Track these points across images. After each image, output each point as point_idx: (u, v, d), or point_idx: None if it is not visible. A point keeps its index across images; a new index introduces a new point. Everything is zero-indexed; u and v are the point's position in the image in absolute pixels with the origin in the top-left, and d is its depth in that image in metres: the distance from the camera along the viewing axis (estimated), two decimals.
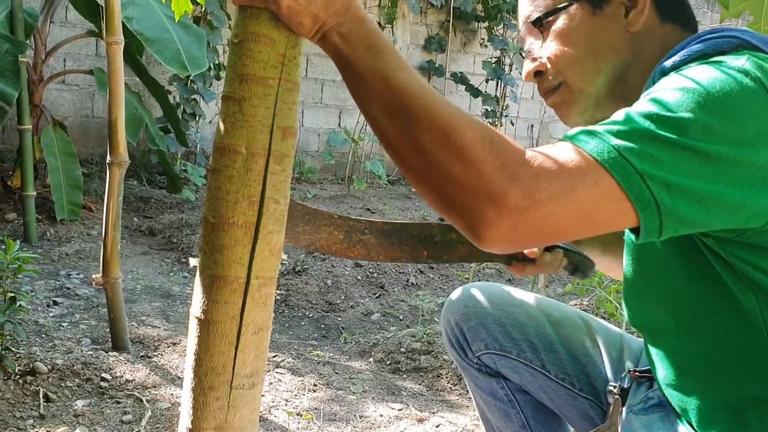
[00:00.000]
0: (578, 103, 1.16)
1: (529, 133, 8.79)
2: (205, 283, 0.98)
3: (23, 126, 4.11)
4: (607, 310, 3.19)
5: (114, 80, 2.55)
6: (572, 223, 0.88)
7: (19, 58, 3.91)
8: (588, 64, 1.13)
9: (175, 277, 3.86)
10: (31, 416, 2.16)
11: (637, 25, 1.11)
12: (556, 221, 0.87)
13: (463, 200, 0.88)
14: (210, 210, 0.98)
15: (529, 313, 1.49)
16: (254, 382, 1.01)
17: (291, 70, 0.99)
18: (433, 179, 0.90)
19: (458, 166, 0.87)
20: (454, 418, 2.42)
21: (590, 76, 1.13)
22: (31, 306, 3.04)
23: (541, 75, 1.18)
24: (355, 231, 1.23)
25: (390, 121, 0.93)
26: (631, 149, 0.87)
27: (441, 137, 0.89)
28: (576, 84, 1.14)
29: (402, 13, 7.28)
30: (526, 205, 0.85)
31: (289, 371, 2.70)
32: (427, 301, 3.54)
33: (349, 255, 1.23)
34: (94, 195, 4.93)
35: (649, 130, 0.88)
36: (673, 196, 0.87)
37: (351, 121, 6.99)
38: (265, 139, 0.97)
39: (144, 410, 2.25)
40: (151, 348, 2.77)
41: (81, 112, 5.66)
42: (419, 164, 0.91)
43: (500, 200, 0.85)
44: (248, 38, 0.96)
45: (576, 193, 0.86)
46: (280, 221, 1.01)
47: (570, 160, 0.87)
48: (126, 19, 3.68)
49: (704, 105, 0.89)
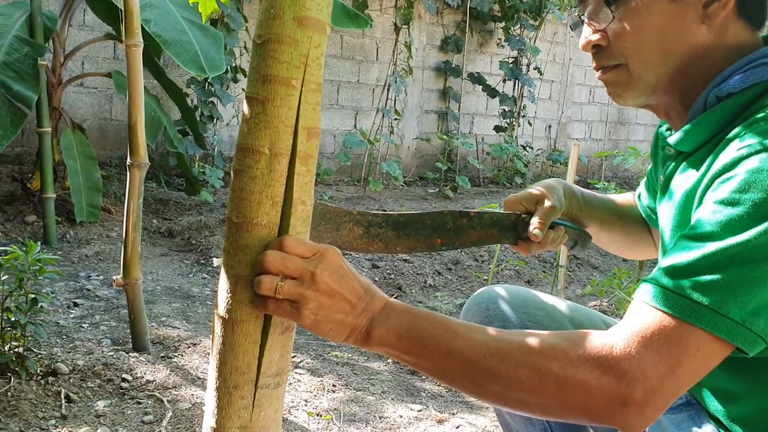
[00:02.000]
0: (635, 89, 1.13)
1: (546, 133, 8.76)
2: (229, 283, 0.99)
3: (42, 129, 4.15)
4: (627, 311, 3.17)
5: (133, 82, 2.56)
6: (689, 383, 0.92)
7: (39, 62, 3.95)
8: (655, 53, 1.09)
9: (194, 278, 3.88)
10: (53, 416, 2.17)
11: (716, 18, 1.06)
12: (675, 392, 0.91)
13: (593, 417, 0.92)
14: (233, 210, 0.99)
15: (551, 316, 1.47)
16: (279, 382, 1.01)
17: (314, 70, 0.99)
18: (560, 414, 0.95)
19: (568, 396, 0.91)
20: (474, 419, 2.41)
21: (653, 65, 1.10)
22: (52, 307, 3.06)
23: (599, 49, 1.14)
24: (374, 225, 1.24)
25: (481, 388, 0.97)
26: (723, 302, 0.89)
27: (536, 383, 0.92)
28: (637, 71, 1.11)
29: (418, 13, 7.27)
30: (646, 398, 0.89)
31: (309, 372, 2.70)
32: (445, 303, 3.53)
33: (369, 249, 1.24)
34: (113, 197, 4.96)
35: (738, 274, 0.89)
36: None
37: (367, 123, 7.00)
38: (288, 140, 0.98)
39: (165, 410, 2.26)
40: (172, 349, 2.78)
41: (99, 114, 5.70)
42: (538, 409, 0.95)
43: (621, 403, 0.90)
44: (271, 39, 0.96)
45: (682, 366, 0.90)
46: (307, 222, 1.01)
47: (663, 335, 0.90)
48: (144, 21, 3.70)
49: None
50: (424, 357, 0.97)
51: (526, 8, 7.60)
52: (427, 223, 1.32)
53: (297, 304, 0.95)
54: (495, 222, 1.35)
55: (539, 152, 8.39)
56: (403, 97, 7.21)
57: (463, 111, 7.86)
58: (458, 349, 0.95)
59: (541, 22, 7.86)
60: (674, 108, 1.15)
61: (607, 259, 5.06)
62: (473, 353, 0.95)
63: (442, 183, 7.09)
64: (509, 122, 7.82)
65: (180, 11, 4.08)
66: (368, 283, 1.01)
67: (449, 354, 0.95)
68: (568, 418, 0.95)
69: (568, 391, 0.91)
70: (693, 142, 1.10)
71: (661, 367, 0.89)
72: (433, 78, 7.67)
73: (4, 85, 3.74)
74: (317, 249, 0.97)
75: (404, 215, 1.27)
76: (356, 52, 7.00)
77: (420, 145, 7.59)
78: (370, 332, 0.98)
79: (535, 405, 0.94)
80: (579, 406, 0.91)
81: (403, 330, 0.97)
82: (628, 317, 0.95)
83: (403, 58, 7.00)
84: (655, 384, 0.89)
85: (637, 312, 0.94)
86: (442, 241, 1.34)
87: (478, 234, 1.35)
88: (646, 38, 1.09)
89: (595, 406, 0.91)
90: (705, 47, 1.08)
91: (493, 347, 0.95)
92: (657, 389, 0.89)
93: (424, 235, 1.30)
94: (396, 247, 1.28)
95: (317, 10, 0.97)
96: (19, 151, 5.32)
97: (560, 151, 8.41)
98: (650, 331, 0.91)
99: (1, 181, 4.99)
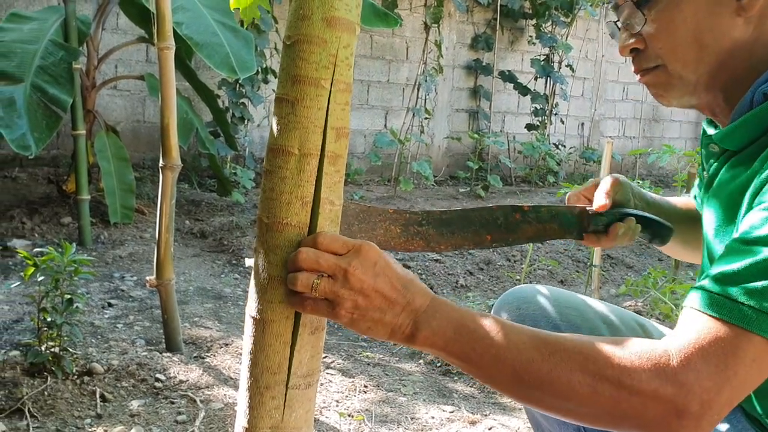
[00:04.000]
0: (675, 89, 1.11)
1: (579, 131, 8.69)
2: (260, 283, 0.99)
3: (77, 131, 4.21)
4: (662, 311, 3.12)
5: (165, 85, 2.58)
6: (744, 394, 0.90)
7: (73, 65, 4.01)
8: (691, 50, 1.06)
9: (226, 278, 3.90)
10: (89, 416, 2.20)
11: (751, 10, 1.03)
12: (731, 404, 0.89)
13: (649, 429, 0.90)
14: (264, 211, 0.99)
15: (584, 316, 1.45)
16: (309, 382, 1.01)
17: (343, 70, 0.98)
18: (612, 424, 0.92)
19: (623, 405, 0.89)
20: (507, 421, 2.39)
21: (692, 63, 1.07)
22: (87, 308, 3.10)
23: (637, 52, 1.12)
24: (412, 224, 1.19)
25: (531, 392, 0.93)
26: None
27: (590, 390, 0.90)
28: (675, 70, 1.09)
29: (448, 12, 7.25)
30: (702, 411, 0.87)
31: (340, 372, 2.70)
32: (477, 303, 3.51)
33: (408, 248, 1.20)
34: (146, 198, 5.02)
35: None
36: None
37: (397, 122, 6.99)
38: (318, 140, 0.97)
39: (198, 410, 2.28)
40: (204, 349, 2.80)
41: (132, 117, 5.77)
42: (589, 418, 0.93)
43: (677, 415, 0.87)
44: (301, 40, 0.96)
45: (739, 377, 0.87)
46: (335, 222, 1.01)
47: (719, 344, 0.88)
48: (176, 24, 3.73)
49: None
50: (473, 361, 0.94)
51: (557, 5, 7.54)
52: (474, 219, 1.27)
53: (333, 303, 0.93)
54: (554, 216, 1.30)
55: (572, 150, 8.32)
56: (433, 96, 7.20)
57: (494, 109, 7.82)
58: (509, 356, 0.92)
59: (572, 18, 7.79)
60: (718, 105, 1.12)
61: (642, 258, 4.99)
62: (524, 359, 0.92)
63: (473, 182, 7.06)
64: (541, 120, 7.77)
65: (211, 13, 4.11)
66: (410, 280, 0.97)
67: (498, 359, 0.93)
68: (619, 427, 0.93)
69: (624, 401, 0.89)
70: (739, 140, 1.07)
71: (717, 378, 0.87)
72: (464, 76, 7.64)
73: (39, 89, 3.80)
74: (352, 245, 0.95)
75: (447, 212, 1.23)
76: (386, 52, 7.00)
77: (451, 144, 7.56)
78: (414, 333, 0.95)
79: (587, 414, 0.92)
80: (633, 416, 0.89)
81: (450, 332, 0.94)
82: (681, 326, 0.93)
83: (433, 56, 6.98)
84: (713, 396, 0.87)
85: (689, 320, 0.92)
86: (492, 237, 1.28)
87: (534, 229, 1.30)
88: (680, 37, 1.06)
89: (650, 417, 0.88)
90: (744, 41, 1.05)
91: (545, 353, 0.92)
92: (714, 401, 0.87)
93: (472, 232, 1.24)
94: (439, 245, 1.23)
95: (346, 10, 0.96)
96: (55, 154, 5.41)
97: (593, 149, 8.32)
98: (706, 340, 0.88)
99: (37, 183, 5.07)
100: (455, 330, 0.94)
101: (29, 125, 3.64)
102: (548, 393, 0.92)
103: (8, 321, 2.94)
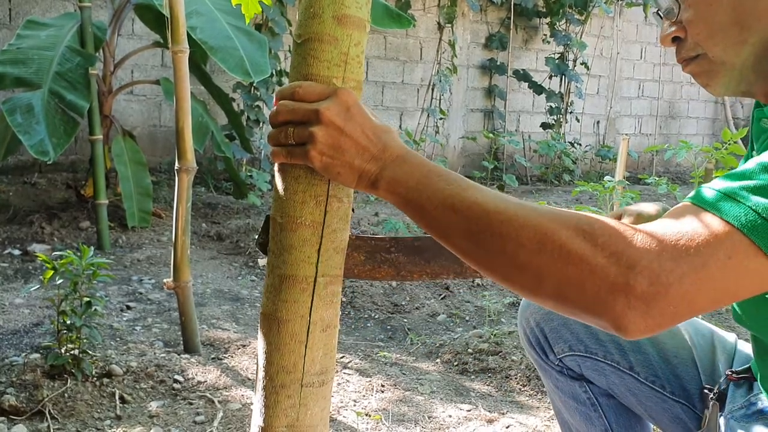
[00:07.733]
0: (720, 76, 1.04)
1: (594, 129, 8.65)
2: (274, 283, 0.99)
3: (94, 136, 4.24)
4: None
5: (180, 88, 2.60)
6: (710, 299, 0.81)
7: (90, 71, 4.05)
8: (732, 34, 1.00)
9: (243, 280, 3.92)
10: (108, 417, 2.21)
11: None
12: (691, 302, 0.80)
13: (588, 301, 0.81)
14: (278, 210, 0.99)
15: None
16: (324, 380, 1.01)
17: (354, 68, 0.98)
18: (549, 289, 0.84)
19: (568, 269, 0.81)
20: (525, 419, 2.38)
21: (734, 47, 1.01)
22: (106, 310, 3.12)
23: (679, 41, 1.07)
24: (379, 250, 1.10)
25: (478, 247, 0.87)
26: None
27: (537, 247, 0.83)
28: (717, 56, 1.02)
29: (462, 11, 7.24)
30: (655, 291, 0.78)
31: (357, 372, 2.71)
32: (493, 302, 3.50)
33: (375, 276, 1.11)
34: (163, 202, 5.05)
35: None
36: None
37: (412, 123, 6.99)
38: None
39: (216, 411, 2.29)
40: (222, 350, 2.82)
41: (149, 121, 5.81)
42: (527, 280, 0.85)
43: (624, 291, 0.78)
44: (311, 38, 0.96)
45: (707, 270, 0.79)
46: (344, 219, 1.01)
47: (697, 232, 0.80)
48: (190, 28, 3.75)
49: None
50: (428, 210, 0.90)
51: (571, 2, 7.51)
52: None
53: (306, 147, 0.93)
54: None
55: (588, 148, 8.28)
56: (448, 96, 7.19)
57: (509, 108, 7.80)
58: (465, 204, 0.87)
59: (587, 16, 7.76)
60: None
61: None
62: (479, 208, 0.87)
63: (489, 182, 7.05)
64: (556, 119, 7.74)
65: (225, 17, 4.13)
66: (385, 130, 0.95)
67: (454, 209, 0.88)
68: (559, 301, 0.84)
69: (570, 263, 0.81)
70: None
71: (682, 263, 0.78)
72: (478, 76, 7.63)
73: (57, 95, 3.84)
74: (330, 91, 0.94)
75: (421, 238, 1.11)
76: (400, 53, 7.01)
77: (466, 144, 7.55)
78: (378, 179, 0.93)
79: (528, 275, 0.84)
80: (576, 283, 0.80)
81: (412, 182, 0.92)
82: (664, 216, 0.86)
83: (447, 57, 6.98)
84: (671, 280, 0.78)
85: (672, 210, 0.86)
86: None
87: None
88: (717, 20, 1.01)
89: (589, 287, 0.80)
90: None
91: (502, 206, 0.86)
92: (670, 286, 0.78)
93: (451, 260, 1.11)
94: (412, 274, 1.12)
95: (356, 7, 0.96)
96: (73, 159, 5.46)
97: (609, 147, 8.28)
98: (682, 227, 0.80)
99: (56, 188, 5.12)
100: (418, 181, 0.92)
101: (47, 131, 3.68)
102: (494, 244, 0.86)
103: (28, 324, 2.97)
